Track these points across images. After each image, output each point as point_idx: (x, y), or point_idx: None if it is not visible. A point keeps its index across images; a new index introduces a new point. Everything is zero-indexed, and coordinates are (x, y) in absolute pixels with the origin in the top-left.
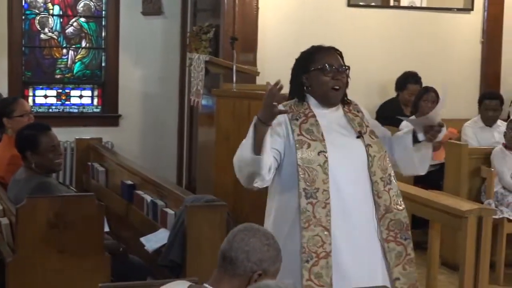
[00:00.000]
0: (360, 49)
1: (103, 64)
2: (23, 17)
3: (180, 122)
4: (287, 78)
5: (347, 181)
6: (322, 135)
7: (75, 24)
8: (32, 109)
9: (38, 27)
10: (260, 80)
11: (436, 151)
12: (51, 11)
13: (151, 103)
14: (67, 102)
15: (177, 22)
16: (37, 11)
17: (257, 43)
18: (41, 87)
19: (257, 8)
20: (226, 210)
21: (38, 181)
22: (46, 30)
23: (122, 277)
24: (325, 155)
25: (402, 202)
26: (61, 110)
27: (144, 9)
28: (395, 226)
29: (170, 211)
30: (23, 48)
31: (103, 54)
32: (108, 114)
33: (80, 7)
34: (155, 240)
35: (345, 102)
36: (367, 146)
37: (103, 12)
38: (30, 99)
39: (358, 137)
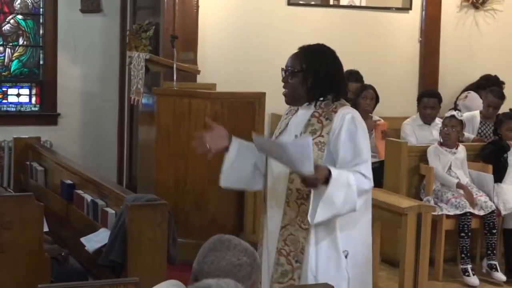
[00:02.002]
0: None
1: (41, 62)
2: None
3: (120, 120)
4: (227, 75)
5: (274, 178)
6: (280, 132)
7: (12, 21)
8: None
9: None
10: (200, 79)
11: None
12: None
13: (90, 102)
14: (4, 101)
15: (116, 20)
16: None
17: (198, 41)
18: None
19: (197, 7)
20: (167, 209)
21: None
22: None
23: (61, 281)
24: None
25: (309, 224)
26: None
27: (82, 6)
28: (291, 242)
29: (110, 211)
30: None
31: (41, 52)
32: (47, 113)
33: (17, 4)
34: (95, 240)
35: (315, 103)
36: None
37: (41, 10)
38: None
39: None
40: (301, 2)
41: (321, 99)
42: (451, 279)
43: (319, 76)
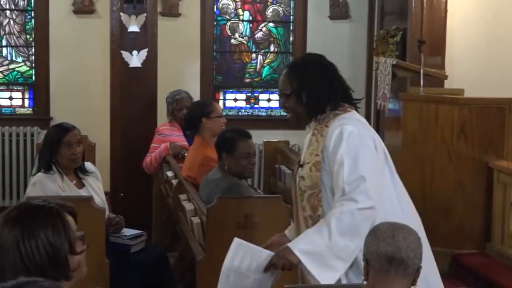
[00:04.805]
0: None
1: None
2: (215, 23)
3: None
4: (476, 80)
5: (295, 206)
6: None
7: (264, 29)
8: (223, 112)
9: (229, 32)
10: (448, 84)
11: None
12: (241, 17)
13: None
14: (256, 106)
15: (364, 25)
16: (228, 17)
17: (445, 46)
18: (231, 90)
19: (446, 11)
20: None
21: (229, 182)
22: (237, 35)
23: None
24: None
25: None
26: (250, 113)
27: (331, 13)
28: None
29: None
30: (215, 53)
31: (290, 58)
32: None
33: (269, 12)
34: None
35: (316, 119)
36: (300, 178)
37: (291, 17)
38: (221, 102)
39: (298, 166)
40: None
41: (321, 113)
42: None
43: (312, 90)
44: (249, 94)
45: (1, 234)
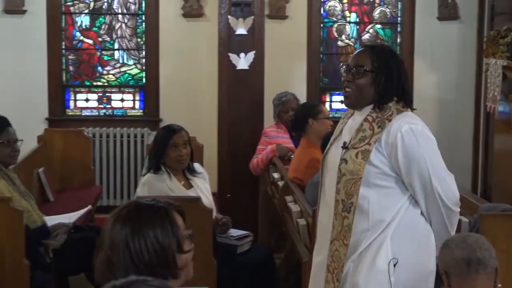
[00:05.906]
0: None
1: None
2: (322, 25)
3: (475, 128)
4: None
5: (329, 189)
6: (335, 139)
7: (371, 31)
8: (329, 114)
9: (335, 34)
10: None
11: None
12: (348, 19)
13: (445, 109)
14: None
15: (473, 26)
16: (335, 19)
17: None
18: (337, 92)
19: None
20: None
21: None
22: (343, 37)
23: None
24: (325, 157)
25: (350, 239)
26: None
27: (440, 14)
28: (336, 258)
29: (464, 219)
30: (321, 55)
31: None
32: None
33: (376, 14)
34: None
35: (379, 107)
36: (342, 160)
37: (399, 19)
38: (327, 104)
39: (342, 147)
40: None
41: (387, 103)
42: None
43: (391, 78)
44: None
45: (111, 232)
